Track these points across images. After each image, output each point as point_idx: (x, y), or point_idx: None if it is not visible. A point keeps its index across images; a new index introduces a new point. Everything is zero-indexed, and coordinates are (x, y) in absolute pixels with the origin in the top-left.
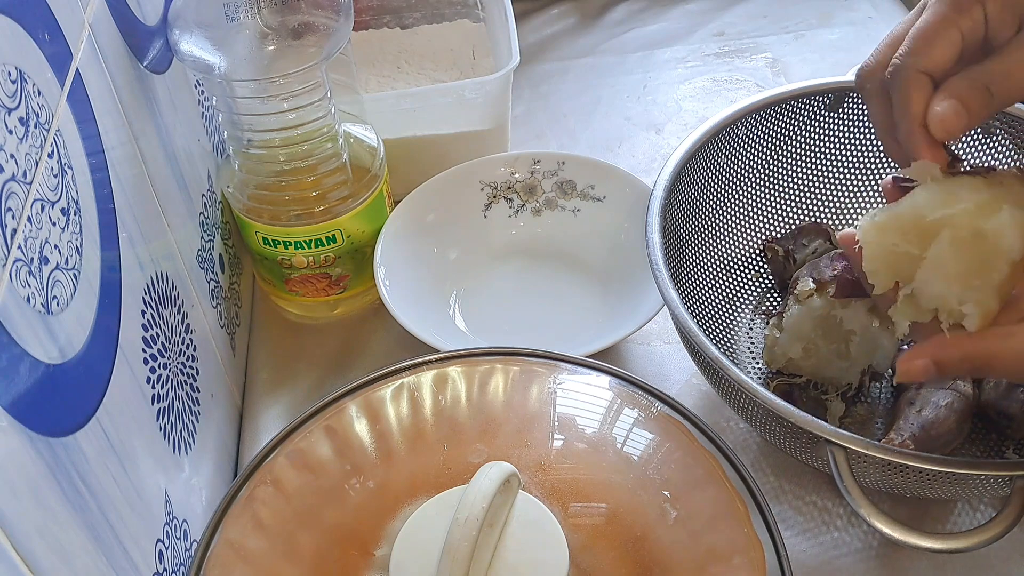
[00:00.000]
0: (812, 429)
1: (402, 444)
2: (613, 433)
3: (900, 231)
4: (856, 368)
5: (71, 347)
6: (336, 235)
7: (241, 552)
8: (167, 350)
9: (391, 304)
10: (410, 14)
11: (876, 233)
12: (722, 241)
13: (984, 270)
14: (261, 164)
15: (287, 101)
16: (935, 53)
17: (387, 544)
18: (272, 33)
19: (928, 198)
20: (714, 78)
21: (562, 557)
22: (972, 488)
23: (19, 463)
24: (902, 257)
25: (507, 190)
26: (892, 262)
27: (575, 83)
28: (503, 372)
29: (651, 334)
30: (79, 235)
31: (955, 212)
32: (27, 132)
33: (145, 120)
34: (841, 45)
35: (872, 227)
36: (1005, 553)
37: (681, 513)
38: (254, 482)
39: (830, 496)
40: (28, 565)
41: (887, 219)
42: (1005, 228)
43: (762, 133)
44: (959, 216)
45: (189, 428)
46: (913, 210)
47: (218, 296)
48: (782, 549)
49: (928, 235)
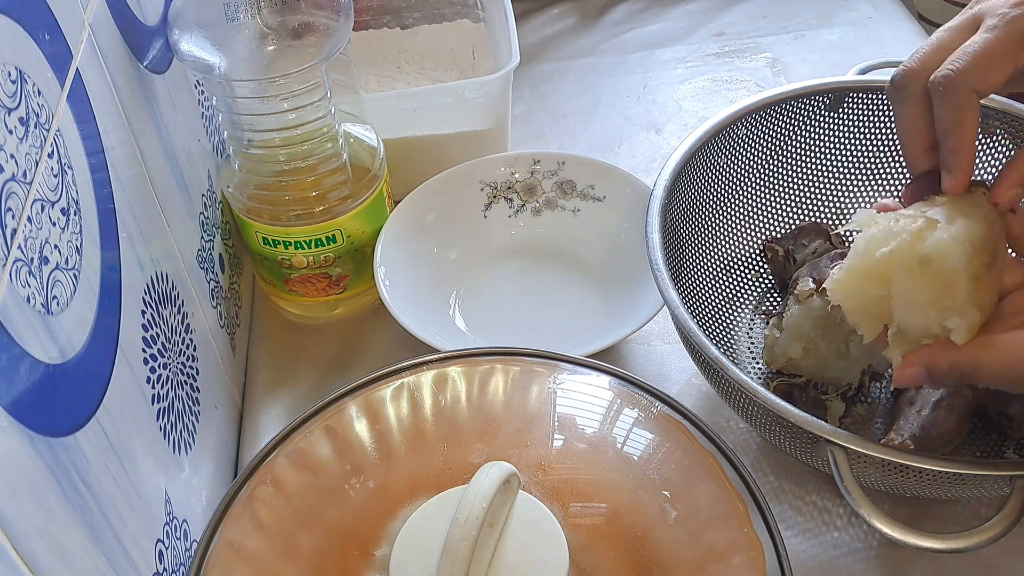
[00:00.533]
0: (812, 429)
1: (402, 444)
2: (613, 433)
3: (861, 280)
4: (856, 368)
5: (71, 347)
6: (336, 235)
7: (241, 552)
8: (167, 350)
9: (391, 304)
10: (410, 14)
11: (842, 289)
12: (722, 241)
13: (948, 290)
14: (261, 164)
15: (287, 101)
16: (991, 79)
17: (387, 544)
18: (272, 33)
19: (872, 243)
20: (714, 78)
21: (562, 557)
22: (972, 488)
23: (19, 463)
24: (878, 301)
25: (507, 190)
26: (871, 309)
27: (575, 83)
28: (503, 372)
29: (651, 334)
30: (79, 235)
31: (896, 247)
32: (27, 132)
33: (145, 120)
34: (841, 45)
35: (836, 286)
36: (1005, 553)
37: (681, 513)
38: (254, 482)
39: (830, 496)
40: (28, 565)
41: (846, 274)
42: (945, 246)
43: (762, 133)
44: (901, 249)
45: (189, 428)
46: (864, 257)
47: (218, 296)
48: (782, 549)
49: (886, 275)
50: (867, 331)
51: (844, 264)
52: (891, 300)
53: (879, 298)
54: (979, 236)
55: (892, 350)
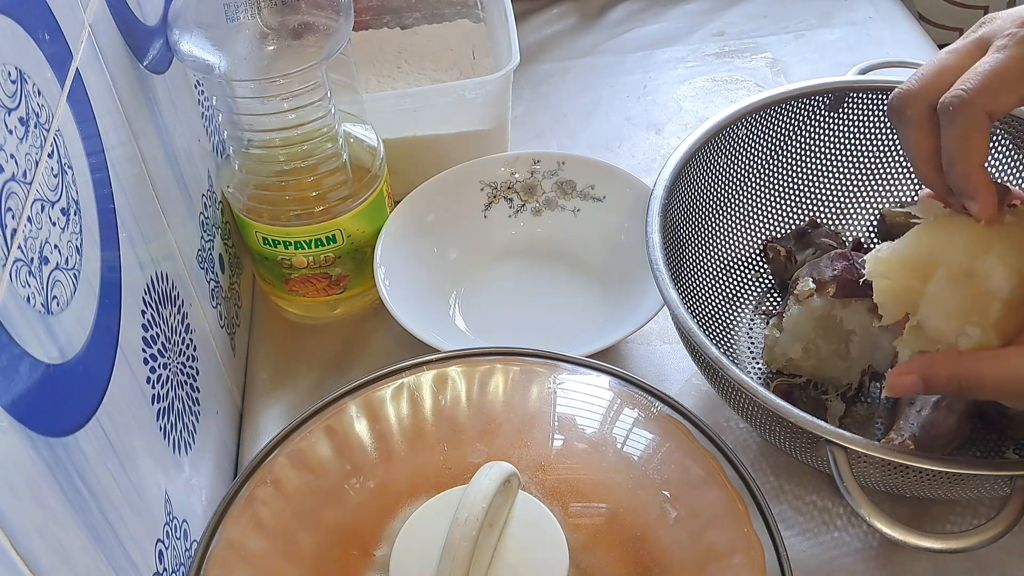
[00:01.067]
0: (812, 429)
1: (402, 444)
2: (613, 433)
3: (903, 266)
4: (856, 368)
5: (71, 347)
6: (336, 235)
7: (241, 552)
8: (167, 350)
9: (391, 304)
10: (410, 14)
11: (881, 268)
12: (722, 241)
13: (980, 308)
14: (261, 164)
15: (287, 101)
16: (1003, 100)
17: (387, 544)
18: (272, 33)
19: (928, 236)
20: (714, 78)
21: (562, 557)
22: (972, 488)
23: (19, 463)
24: (909, 291)
25: (507, 190)
26: (900, 295)
27: (575, 83)
28: (503, 372)
29: (651, 334)
30: (79, 235)
31: (949, 250)
32: (27, 132)
33: (145, 120)
34: (841, 45)
35: (877, 262)
36: (1005, 553)
37: (681, 513)
38: (254, 482)
39: (830, 496)
40: (28, 565)
41: (890, 255)
42: (992, 269)
43: (762, 133)
44: (952, 254)
45: (189, 428)
46: (915, 246)
47: (218, 296)
48: (782, 549)
49: (928, 271)
50: (888, 314)
51: (894, 245)
52: (922, 295)
53: (912, 289)
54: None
55: (904, 341)
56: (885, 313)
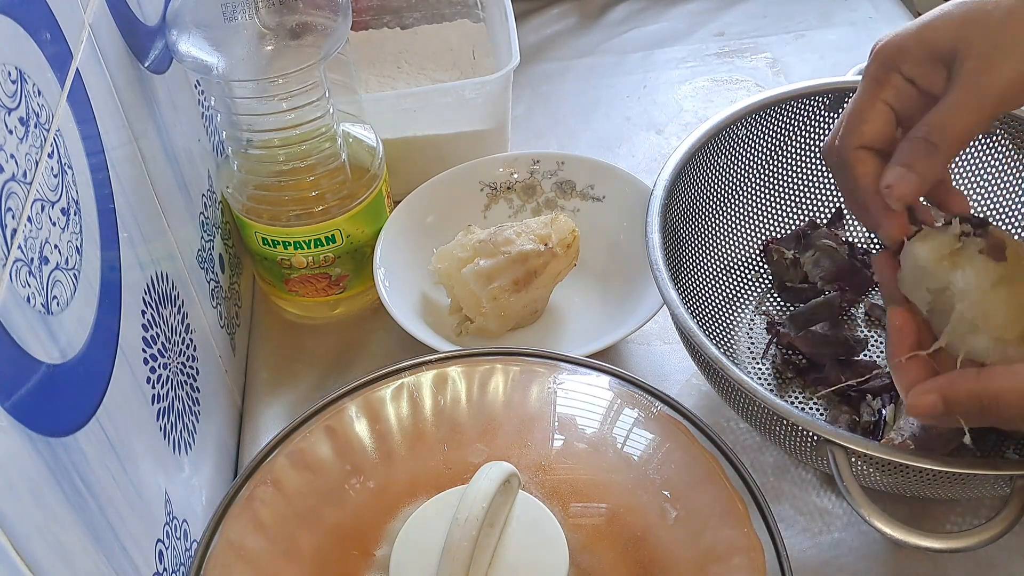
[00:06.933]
0: (812, 429)
1: (402, 444)
2: (613, 433)
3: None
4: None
5: (71, 347)
6: (335, 235)
7: (241, 552)
8: (167, 350)
9: (391, 305)
10: (410, 14)
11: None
12: (722, 241)
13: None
14: (260, 164)
15: (286, 101)
16: (866, 129)
17: (387, 544)
18: (270, 33)
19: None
20: (714, 78)
21: (562, 557)
22: (972, 488)
23: (19, 463)
24: (944, 291)
25: (507, 190)
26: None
27: (575, 83)
28: (503, 372)
29: (651, 334)
30: (79, 235)
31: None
32: (27, 132)
33: (145, 120)
34: (841, 45)
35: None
36: (1005, 553)
37: (681, 513)
38: (254, 482)
39: (830, 496)
40: (28, 565)
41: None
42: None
43: (762, 133)
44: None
45: (189, 428)
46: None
47: (218, 296)
48: (782, 549)
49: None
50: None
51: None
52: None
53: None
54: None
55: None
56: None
